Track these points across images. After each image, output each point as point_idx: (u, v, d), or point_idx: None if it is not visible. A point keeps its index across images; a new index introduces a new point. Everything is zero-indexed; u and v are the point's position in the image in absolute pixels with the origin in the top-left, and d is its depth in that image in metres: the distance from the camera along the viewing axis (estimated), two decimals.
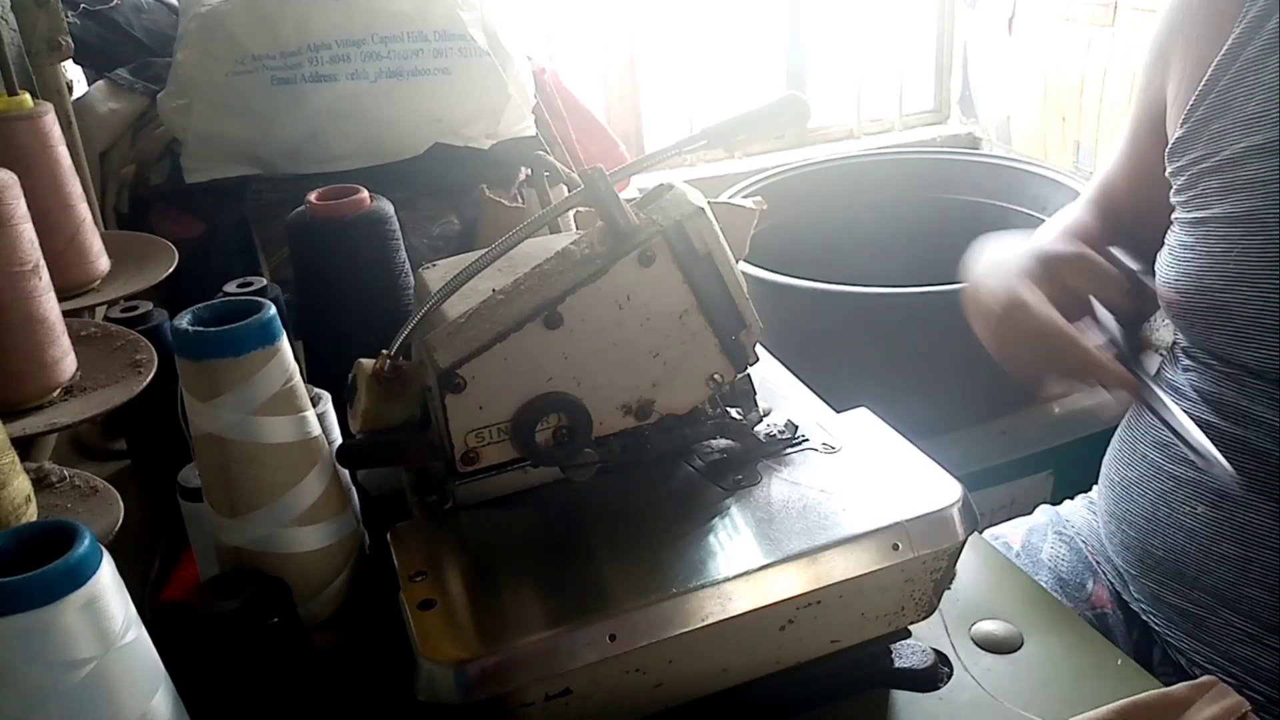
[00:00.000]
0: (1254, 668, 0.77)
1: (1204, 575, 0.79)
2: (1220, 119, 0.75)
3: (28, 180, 0.73)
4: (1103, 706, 0.56)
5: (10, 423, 0.68)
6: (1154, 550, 0.83)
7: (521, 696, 0.50)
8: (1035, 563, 0.94)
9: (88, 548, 0.43)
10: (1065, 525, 0.96)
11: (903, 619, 0.58)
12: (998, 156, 2.23)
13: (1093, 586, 0.90)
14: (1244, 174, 0.73)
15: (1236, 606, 0.77)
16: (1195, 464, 0.75)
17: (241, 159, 1.26)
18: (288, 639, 0.56)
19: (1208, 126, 0.76)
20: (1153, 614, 0.85)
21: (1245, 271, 0.72)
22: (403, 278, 0.87)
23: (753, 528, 0.56)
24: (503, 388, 0.55)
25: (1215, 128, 0.75)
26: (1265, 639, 0.76)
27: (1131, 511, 0.86)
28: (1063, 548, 0.94)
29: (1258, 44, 0.73)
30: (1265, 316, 0.72)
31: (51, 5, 1.04)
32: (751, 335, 0.59)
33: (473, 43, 1.29)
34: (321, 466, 0.59)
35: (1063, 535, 0.95)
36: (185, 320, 0.56)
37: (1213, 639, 0.80)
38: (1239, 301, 0.73)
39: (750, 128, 0.63)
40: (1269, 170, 0.71)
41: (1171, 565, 0.82)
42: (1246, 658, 0.78)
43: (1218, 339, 0.76)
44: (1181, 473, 0.80)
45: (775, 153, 2.41)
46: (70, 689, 0.43)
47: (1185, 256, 0.78)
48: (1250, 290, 0.72)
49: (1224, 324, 0.75)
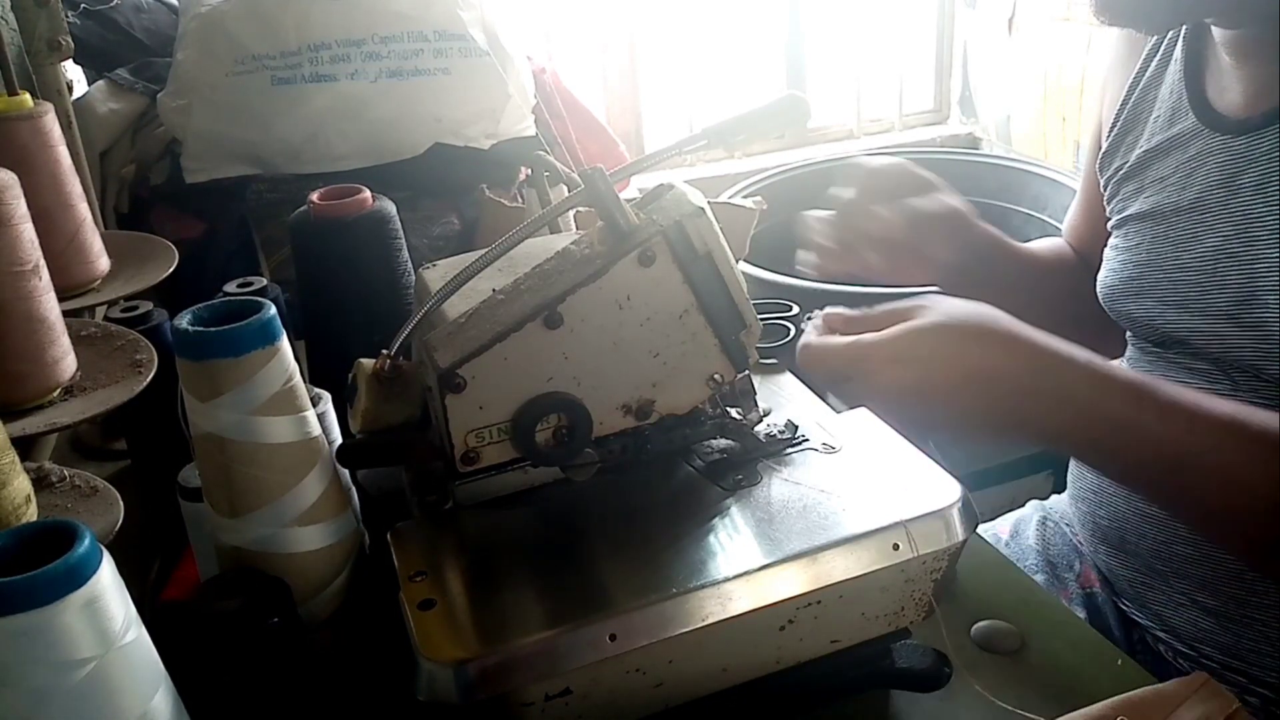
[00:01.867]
0: (1195, 630, 0.81)
1: (1141, 540, 0.83)
2: (1132, 130, 0.84)
3: (28, 180, 0.73)
4: (1096, 703, 0.56)
5: (10, 423, 0.68)
6: (1101, 521, 0.88)
7: (521, 696, 0.50)
8: (1024, 549, 0.97)
9: (88, 548, 0.43)
10: (1051, 512, 0.99)
11: (903, 619, 0.58)
12: (998, 156, 2.23)
13: (1080, 567, 0.93)
14: (1149, 174, 0.81)
15: (1172, 567, 0.81)
16: None
17: (241, 159, 1.26)
18: (288, 639, 0.56)
19: (1124, 139, 0.85)
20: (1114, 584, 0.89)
21: (1156, 260, 0.80)
22: (404, 278, 0.87)
23: (753, 528, 0.56)
24: (503, 388, 0.55)
25: (1129, 139, 0.84)
26: (1197, 597, 0.80)
27: (1084, 487, 0.90)
28: (1050, 533, 0.97)
29: (1156, 61, 0.83)
30: (1174, 296, 0.78)
31: (51, 5, 1.04)
32: (751, 335, 0.59)
33: (473, 43, 1.29)
34: (321, 466, 0.59)
35: (1049, 522, 0.98)
36: (185, 320, 0.56)
37: (1160, 606, 0.84)
38: (1153, 285, 0.80)
39: (750, 128, 0.63)
40: (1164, 168, 0.80)
41: (1117, 534, 0.86)
42: (1189, 620, 0.81)
43: (1141, 322, 0.82)
44: None
45: (775, 153, 2.41)
46: (70, 689, 0.43)
47: (1110, 256, 0.85)
48: (1161, 275, 0.79)
49: (1147, 308, 0.81)
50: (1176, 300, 0.78)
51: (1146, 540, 0.83)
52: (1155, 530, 0.81)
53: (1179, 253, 0.78)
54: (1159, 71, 0.83)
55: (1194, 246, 0.76)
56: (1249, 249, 0.72)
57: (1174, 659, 0.83)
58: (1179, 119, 0.79)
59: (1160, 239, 0.80)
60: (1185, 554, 0.79)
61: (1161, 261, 0.79)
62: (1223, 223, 0.74)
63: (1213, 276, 0.75)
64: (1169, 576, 0.82)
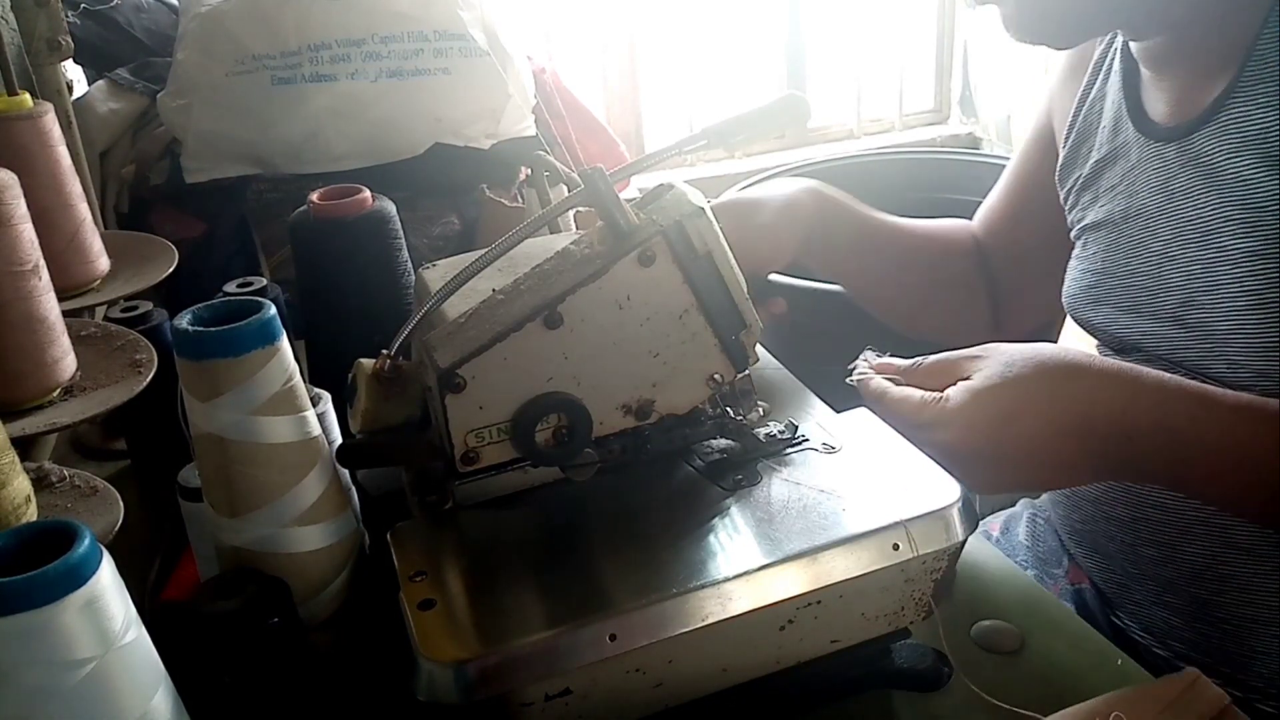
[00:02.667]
0: (1166, 629, 0.81)
1: (1109, 542, 0.84)
2: (1086, 141, 0.85)
3: (28, 180, 0.73)
4: (1089, 700, 0.56)
5: (10, 423, 0.68)
6: (1076, 524, 0.89)
7: (521, 696, 0.50)
8: (1014, 545, 0.98)
9: (88, 548, 0.43)
10: (1040, 510, 1.00)
11: (903, 619, 0.58)
12: (998, 156, 2.22)
13: (1068, 564, 0.93)
14: (1101, 183, 0.82)
15: (1140, 568, 0.82)
16: None
17: (241, 159, 1.26)
18: (288, 639, 0.56)
19: (1079, 150, 0.86)
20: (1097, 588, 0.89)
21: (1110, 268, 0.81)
22: (404, 278, 0.87)
23: (753, 528, 0.56)
24: (503, 388, 0.55)
25: (1083, 150, 0.85)
26: (1165, 597, 0.80)
27: (1059, 493, 0.92)
28: (1039, 529, 0.97)
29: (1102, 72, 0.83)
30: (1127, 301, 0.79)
31: (51, 5, 1.04)
32: (751, 335, 0.59)
33: (473, 43, 1.29)
34: (321, 466, 0.59)
35: (1038, 519, 0.98)
36: (185, 320, 0.56)
37: (1134, 605, 0.84)
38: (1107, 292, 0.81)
39: (750, 128, 0.63)
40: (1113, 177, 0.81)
41: (1089, 538, 0.87)
42: (1160, 619, 0.82)
43: (1100, 329, 0.83)
44: None
45: (775, 153, 2.41)
46: (70, 689, 0.43)
47: (1072, 266, 0.87)
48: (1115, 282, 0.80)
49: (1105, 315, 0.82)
50: (1129, 305, 0.79)
51: (1115, 542, 0.83)
52: (1121, 532, 0.82)
53: (1129, 259, 0.79)
54: (1104, 82, 0.84)
55: (1141, 253, 0.78)
56: (1185, 252, 0.73)
57: (1154, 657, 0.83)
58: (1121, 128, 0.80)
59: (1112, 247, 0.81)
60: (1151, 555, 0.80)
61: (1115, 269, 0.80)
62: (1163, 228, 0.75)
63: (1158, 280, 0.76)
64: (1139, 577, 0.83)
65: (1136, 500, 0.80)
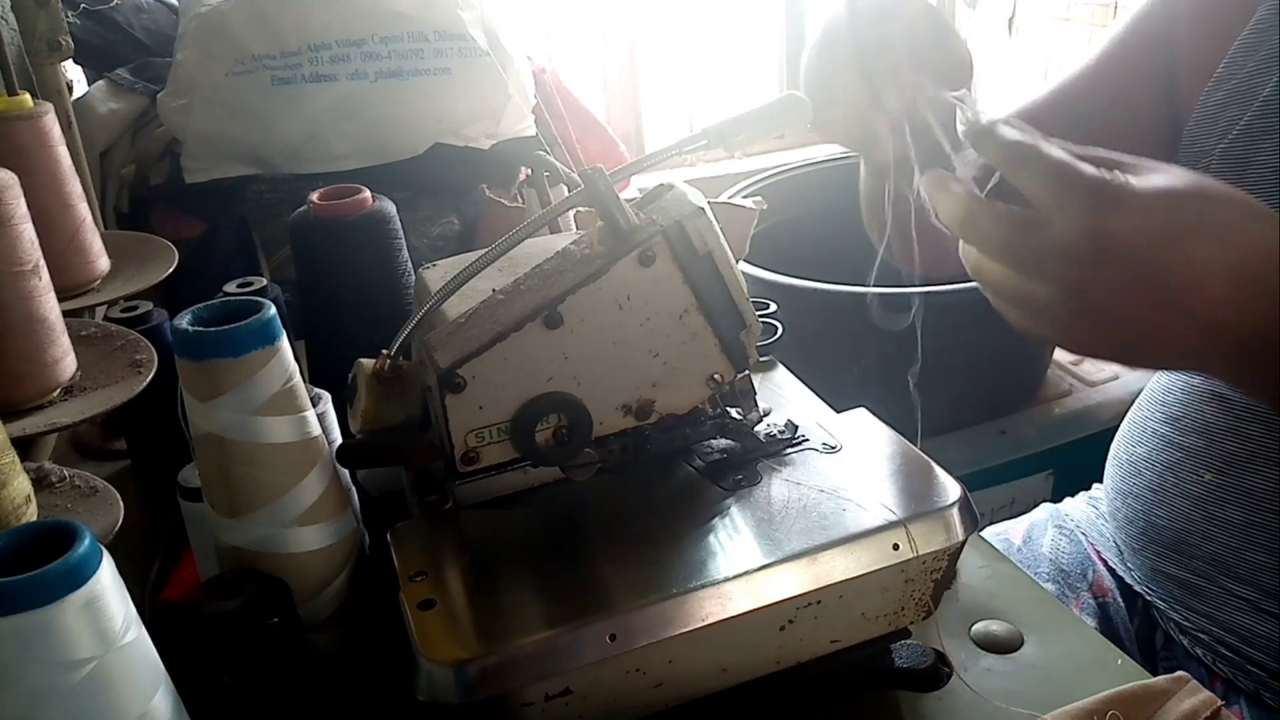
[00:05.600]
0: (1250, 636, 0.79)
1: (1206, 542, 0.81)
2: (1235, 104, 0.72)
3: (28, 180, 0.73)
4: (1086, 699, 0.56)
5: (10, 423, 0.68)
6: (1157, 520, 0.85)
7: (521, 696, 0.50)
8: (1036, 556, 0.96)
9: (88, 548, 0.43)
10: (1065, 519, 0.98)
11: (903, 619, 0.58)
12: None
13: (1093, 576, 0.92)
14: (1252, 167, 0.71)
15: (1237, 572, 0.79)
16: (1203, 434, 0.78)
17: (241, 159, 1.26)
18: (288, 639, 0.56)
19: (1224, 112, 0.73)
20: (1149, 586, 0.87)
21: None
22: (404, 278, 0.87)
23: (753, 528, 0.56)
24: (503, 388, 0.55)
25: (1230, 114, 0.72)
26: (1262, 604, 0.78)
27: (1138, 485, 0.87)
28: (1063, 540, 0.95)
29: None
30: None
31: (51, 5, 1.04)
32: (752, 335, 0.59)
33: (473, 43, 1.29)
34: (321, 466, 0.59)
35: (1063, 529, 0.97)
36: (185, 320, 0.56)
37: (1211, 609, 0.82)
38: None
39: (750, 128, 0.63)
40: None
41: (1174, 535, 0.83)
42: (1244, 626, 0.79)
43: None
44: (1190, 444, 0.81)
45: (775, 153, 2.41)
46: (70, 689, 0.43)
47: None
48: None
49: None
50: None
51: (1212, 543, 0.80)
52: (1225, 534, 0.79)
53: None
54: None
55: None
56: None
57: (1213, 663, 0.82)
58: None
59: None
60: (1259, 562, 0.77)
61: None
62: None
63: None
64: (1231, 580, 0.80)
65: (1251, 503, 0.76)
